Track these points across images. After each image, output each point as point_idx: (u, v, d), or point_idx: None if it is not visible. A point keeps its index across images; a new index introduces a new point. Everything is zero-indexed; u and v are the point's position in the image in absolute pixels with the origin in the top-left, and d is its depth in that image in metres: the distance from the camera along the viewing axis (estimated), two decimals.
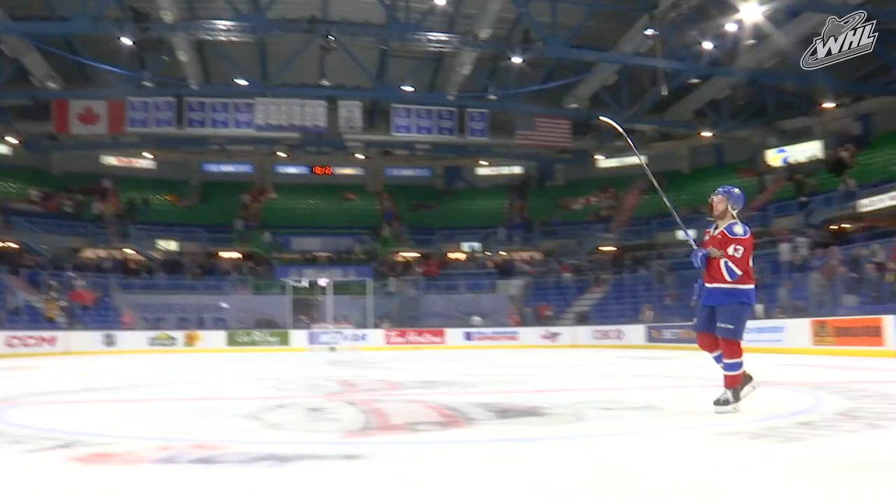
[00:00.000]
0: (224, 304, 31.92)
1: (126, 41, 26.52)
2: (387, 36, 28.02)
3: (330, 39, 26.81)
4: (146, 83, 30.08)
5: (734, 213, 6.20)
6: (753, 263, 6.21)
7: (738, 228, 6.02)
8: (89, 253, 35.52)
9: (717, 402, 6.02)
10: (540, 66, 30.85)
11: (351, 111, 32.74)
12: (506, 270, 36.30)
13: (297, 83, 31.46)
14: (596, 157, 40.54)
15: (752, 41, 26.46)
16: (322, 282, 31.43)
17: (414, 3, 26.89)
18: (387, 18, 27.26)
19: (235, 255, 37.55)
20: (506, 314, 32.99)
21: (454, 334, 30.56)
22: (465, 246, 39.43)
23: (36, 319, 28.36)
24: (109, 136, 34.46)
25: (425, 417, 6.22)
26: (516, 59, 28.18)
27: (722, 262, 5.97)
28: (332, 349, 27.51)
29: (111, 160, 40.51)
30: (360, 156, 41.74)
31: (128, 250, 35.81)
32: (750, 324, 6.44)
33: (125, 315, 30.16)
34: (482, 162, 43.43)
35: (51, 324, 28.34)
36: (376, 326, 31.09)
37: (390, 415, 6.40)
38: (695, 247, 6.27)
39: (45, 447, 4.75)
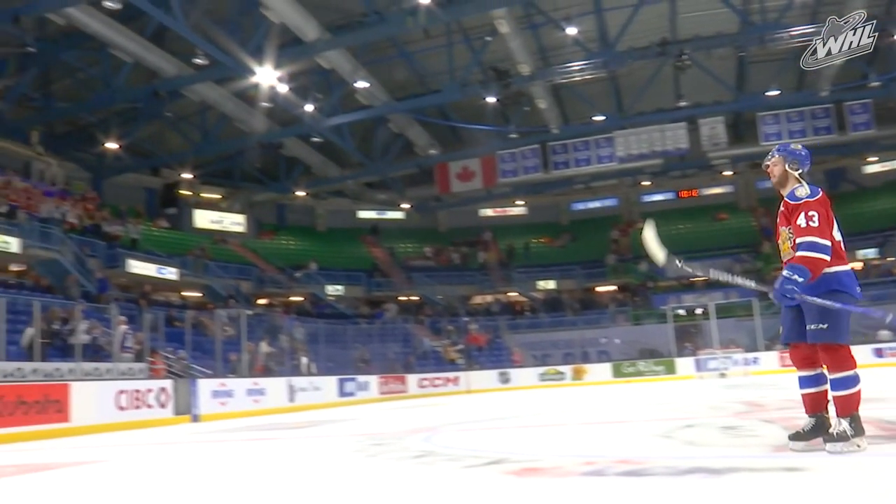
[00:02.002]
0: (603, 339, 32.26)
1: (490, 100, 28.65)
2: (744, 42, 26.58)
3: (683, 58, 26.19)
4: (512, 135, 32.22)
5: (797, 174, 4.76)
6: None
7: (802, 190, 4.58)
8: (478, 299, 38.46)
9: (830, 439, 4.43)
10: None
11: (713, 128, 31.52)
12: None
13: (654, 109, 31.18)
14: None
15: None
16: (701, 308, 30.24)
17: (769, 2, 25.20)
18: (740, 25, 25.90)
19: (611, 288, 37.88)
20: None
21: (861, 351, 27.17)
22: (860, 254, 35.26)
23: (440, 362, 31.35)
24: (484, 189, 37.25)
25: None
26: None
27: (800, 241, 4.43)
28: (723, 375, 26.21)
29: (488, 212, 43.75)
30: (727, 172, 39.89)
31: (511, 293, 38.07)
32: None
33: (515, 353, 31.97)
34: (870, 158, 38.77)
35: (452, 365, 31.10)
36: (768, 349, 28.98)
37: None
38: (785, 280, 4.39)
39: (478, 464, 5.10)
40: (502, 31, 24.46)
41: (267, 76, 24.04)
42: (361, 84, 26.50)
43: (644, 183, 41.44)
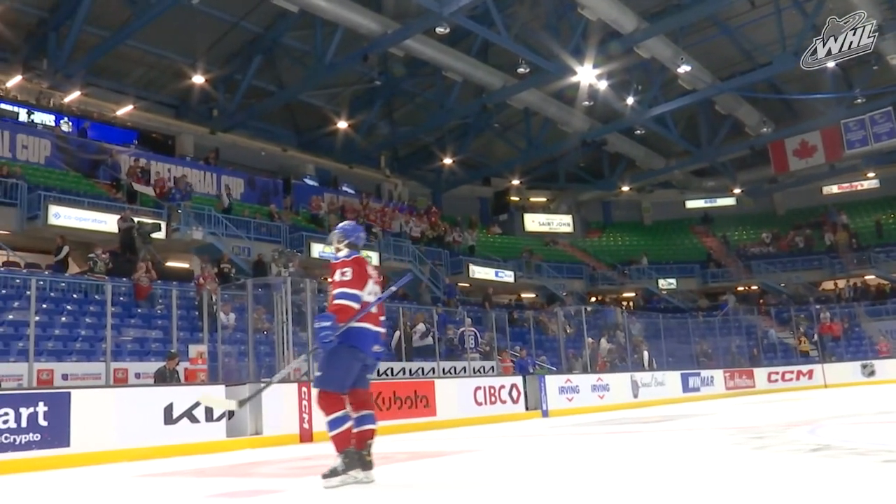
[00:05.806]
0: None
1: (829, 65, 25.95)
2: None
3: None
4: (858, 100, 28.97)
5: (345, 244, 5.23)
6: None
7: (341, 253, 5.18)
8: (828, 284, 35.08)
9: (325, 475, 4.76)
10: None
11: None
12: None
13: None
14: None
15: None
16: None
17: None
18: None
19: None
20: None
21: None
22: None
23: (789, 355, 29.08)
24: (828, 164, 33.99)
25: None
26: None
27: (334, 293, 4.94)
28: None
29: (832, 188, 39.70)
30: None
31: (868, 276, 34.17)
32: None
33: (881, 343, 28.55)
34: None
35: (804, 358, 28.65)
36: None
37: None
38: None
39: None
40: None
41: (587, 74, 24.25)
42: (683, 68, 25.54)
43: None
